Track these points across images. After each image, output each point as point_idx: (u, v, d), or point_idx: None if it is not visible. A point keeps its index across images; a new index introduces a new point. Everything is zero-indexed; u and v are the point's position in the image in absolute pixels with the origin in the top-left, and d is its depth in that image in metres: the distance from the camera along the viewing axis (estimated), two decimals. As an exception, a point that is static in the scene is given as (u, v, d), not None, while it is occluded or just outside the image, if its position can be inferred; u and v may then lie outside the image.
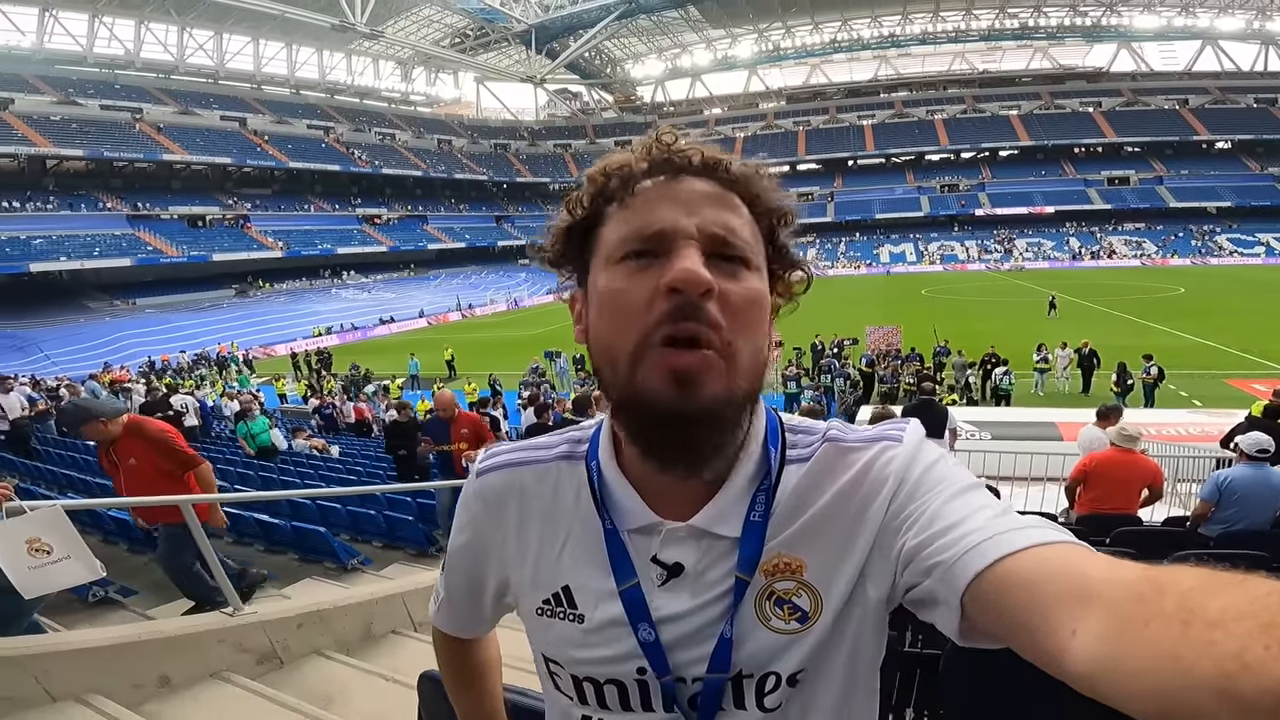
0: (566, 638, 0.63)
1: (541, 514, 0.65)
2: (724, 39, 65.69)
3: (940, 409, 6.54)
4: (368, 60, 60.87)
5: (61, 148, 38.21)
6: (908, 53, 63.02)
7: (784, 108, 67.01)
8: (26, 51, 41.20)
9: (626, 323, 0.54)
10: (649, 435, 0.55)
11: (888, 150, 59.43)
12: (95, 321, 33.51)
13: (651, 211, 0.55)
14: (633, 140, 0.61)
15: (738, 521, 0.60)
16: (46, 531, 2.41)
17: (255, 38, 51.83)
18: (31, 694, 2.23)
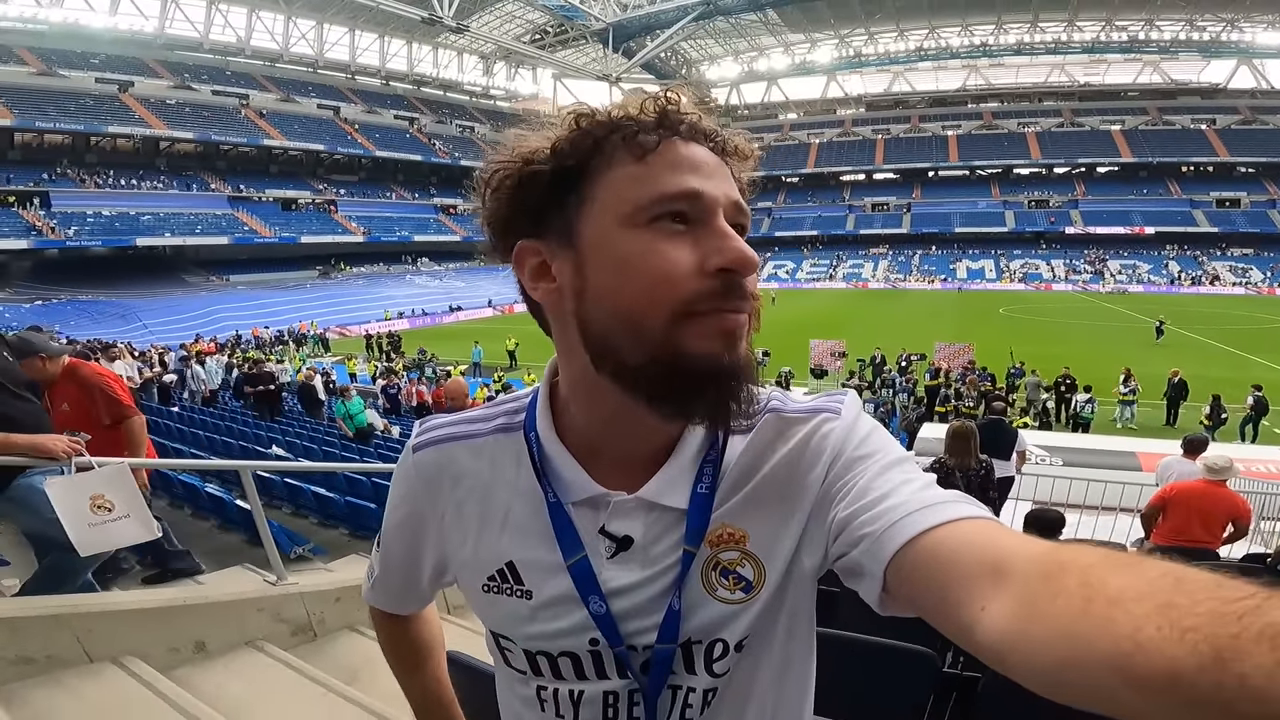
0: (515, 614, 0.62)
1: (480, 491, 0.64)
2: (803, 44, 64.45)
3: (1009, 430, 6.28)
4: (453, 54, 62.69)
5: (174, 130, 41.04)
6: (1000, 63, 60.25)
7: (863, 115, 65.30)
8: (149, 36, 44.31)
9: (662, 290, 0.52)
10: (687, 393, 0.53)
11: (973, 162, 57.13)
12: (191, 295, 35.85)
13: (682, 173, 0.53)
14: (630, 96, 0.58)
15: (685, 493, 0.60)
16: (111, 489, 2.40)
17: (352, 28, 54.10)
18: (71, 653, 2.22)
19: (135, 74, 42.17)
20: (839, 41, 62.80)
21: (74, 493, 2.32)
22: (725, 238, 0.53)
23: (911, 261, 51.41)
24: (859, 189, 60.17)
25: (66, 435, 2.48)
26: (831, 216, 58.27)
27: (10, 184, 34.66)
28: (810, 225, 57.61)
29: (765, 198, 61.91)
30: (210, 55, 47.61)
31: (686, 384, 0.53)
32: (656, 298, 0.52)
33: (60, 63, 39.40)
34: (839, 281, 50.58)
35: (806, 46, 64.89)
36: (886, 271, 50.89)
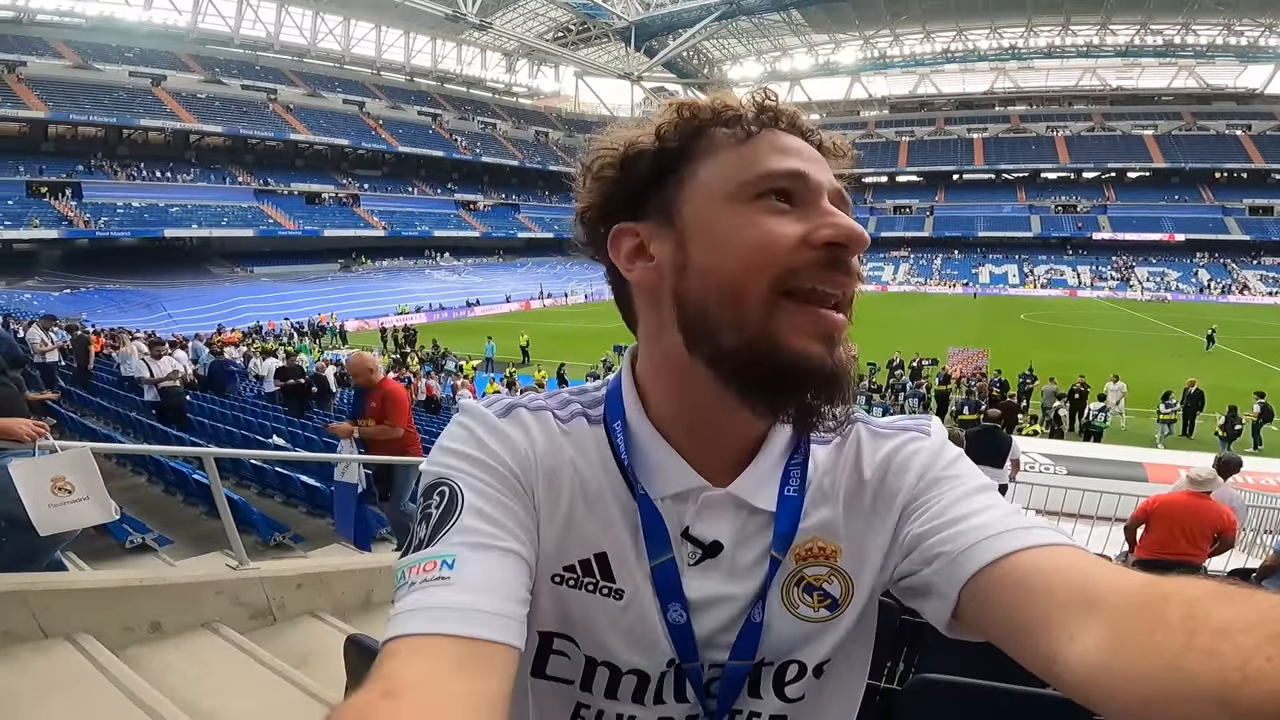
0: (593, 614, 0.55)
1: (572, 466, 0.57)
2: (826, 44, 63.82)
3: (1002, 438, 6.27)
4: (476, 50, 63.12)
5: (204, 124, 41.83)
6: (1030, 66, 59.16)
7: (886, 116, 64.61)
8: (181, 30, 45.20)
9: (768, 260, 0.50)
10: (781, 389, 0.52)
11: (998, 165, 56.32)
12: (216, 286, 36.59)
13: (788, 156, 0.53)
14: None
15: (772, 494, 0.57)
16: (72, 471, 2.46)
17: (378, 24, 54.71)
18: (26, 629, 2.26)
19: (168, 68, 43.05)
20: (863, 42, 62.12)
21: (36, 474, 2.40)
22: (833, 214, 0.52)
23: (933, 265, 50.87)
24: (881, 191, 59.61)
25: (31, 419, 2.56)
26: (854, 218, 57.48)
27: (43, 175, 35.59)
28: (830, 227, 57.04)
29: (784, 199, 61.51)
30: (240, 50, 48.45)
31: (781, 379, 0.51)
32: (759, 266, 0.51)
33: (95, 56, 40.35)
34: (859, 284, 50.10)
35: (830, 47, 64.27)
36: (907, 274, 50.36)
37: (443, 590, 0.46)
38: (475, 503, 0.51)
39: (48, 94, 36.51)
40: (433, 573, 0.47)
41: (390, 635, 0.44)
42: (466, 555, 0.48)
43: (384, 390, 4.30)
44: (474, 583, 0.47)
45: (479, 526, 0.50)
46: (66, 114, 36.67)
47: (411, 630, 0.44)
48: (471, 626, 0.44)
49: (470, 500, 0.51)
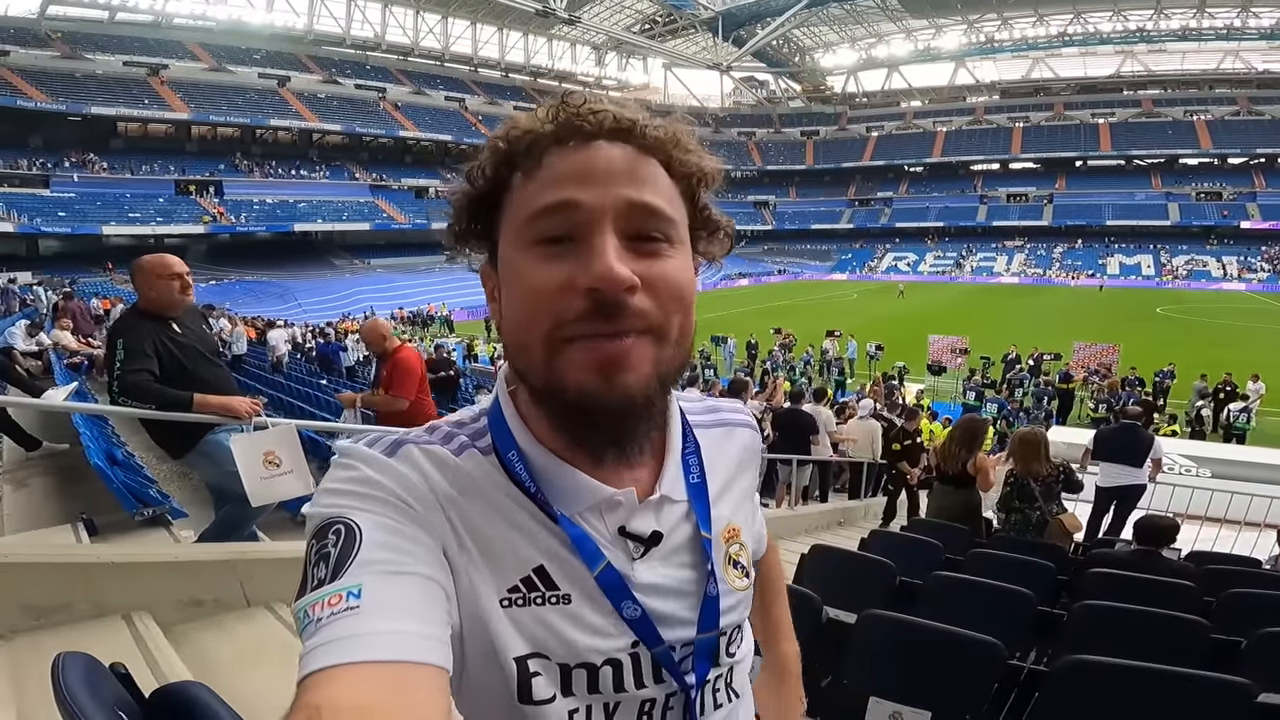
0: (553, 622, 0.55)
1: (483, 496, 0.56)
2: (926, 29, 60.96)
3: (1144, 436, 5.83)
4: (566, 45, 63.15)
5: (324, 123, 42.99)
6: (1162, 49, 54.95)
7: (997, 102, 61.34)
8: (300, 32, 46.14)
9: (537, 313, 0.51)
10: (576, 425, 0.54)
11: (1129, 151, 52.66)
12: (338, 277, 37.66)
13: (561, 186, 0.51)
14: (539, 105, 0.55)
15: (681, 484, 0.62)
16: (280, 445, 2.64)
17: (473, 21, 55.21)
18: (234, 597, 2.40)
19: (291, 69, 44.39)
20: (967, 27, 59.12)
21: (252, 449, 2.60)
22: (595, 255, 0.50)
23: (1053, 255, 48.09)
24: (992, 179, 56.84)
25: (249, 397, 2.79)
26: (959, 208, 55.29)
27: (188, 174, 37.32)
28: (935, 216, 54.89)
29: (885, 187, 59.54)
30: (352, 50, 49.56)
31: (571, 413, 0.53)
32: (530, 320, 0.52)
33: (227, 58, 41.95)
34: (966, 274, 47.98)
35: (931, 32, 61.39)
36: (1022, 265, 47.83)
37: (353, 620, 0.44)
38: (375, 535, 0.49)
39: (188, 96, 38.18)
40: (339, 605, 0.45)
41: (303, 674, 0.42)
42: (373, 584, 0.46)
43: (395, 359, 4.04)
44: (386, 608, 0.45)
45: (383, 556, 0.48)
46: (206, 115, 38.23)
47: (327, 663, 0.42)
48: (390, 650, 0.43)
49: (369, 534, 0.49)
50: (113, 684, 0.91)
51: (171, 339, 2.74)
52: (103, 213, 32.12)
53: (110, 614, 2.14)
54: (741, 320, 26.02)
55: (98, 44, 37.30)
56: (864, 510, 7.52)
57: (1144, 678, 1.67)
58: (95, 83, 35.52)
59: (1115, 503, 5.68)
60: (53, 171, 32.94)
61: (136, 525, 3.20)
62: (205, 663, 2.06)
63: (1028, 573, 3.02)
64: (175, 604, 2.28)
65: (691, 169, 0.56)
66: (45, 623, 2.05)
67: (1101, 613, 2.40)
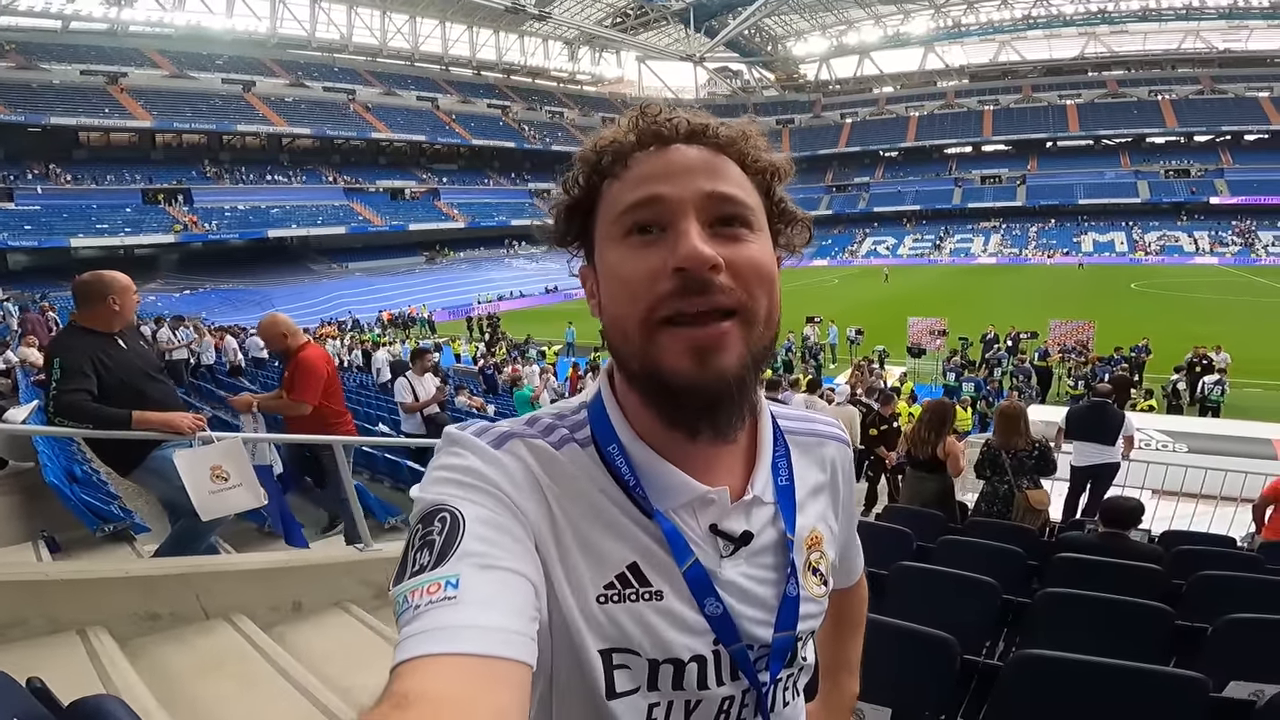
0: (646, 619, 0.57)
1: (579, 492, 0.58)
2: (895, 15, 61.33)
3: (1114, 413, 5.78)
4: (538, 41, 62.76)
5: (293, 126, 42.32)
6: (1124, 30, 55.80)
7: (967, 86, 61.90)
8: (263, 36, 45.59)
9: (632, 298, 0.55)
10: (672, 407, 0.56)
11: (1097, 132, 53.36)
12: (316, 282, 37.13)
13: (646, 184, 0.56)
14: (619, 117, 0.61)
15: (771, 487, 0.64)
16: (226, 459, 2.66)
17: (442, 20, 54.66)
18: (191, 610, 2.43)
19: (255, 74, 43.59)
20: (935, 12, 59.58)
21: (197, 464, 2.61)
22: (682, 238, 0.54)
23: (1028, 235, 48.61)
24: (966, 162, 57.25)
25: (191, 413, 2.78)
26: (935, 190, 55.63)
27: (154, 183, 36.42)
28: (911, 200, 55.21)
29: (862, 173, 59.87)
30: (318, 53, 48.86)
31: (667, 396, 0.56)
32: (628, 303, 0.55)
33: (189, 65, 41.02)
34: (945, 256, 48.40)
35: (899, 18, 61.78)
36: (998, 246, 48.29)
37: (449, 610, 0.45)
38: (477, 528, 0.50)
39: (151, 103, 37.28)
40: (438, 594, 0.46)
41: (399, 660, 0.43)
42: (471, 575, 0.47)
43: (297, 359, 3.64)
44: (482, 601, 0.46)
45: (482, 549, 0.49)
46: (170, 122, 37.42)
47: (420, 652, 0.43)
48: (482, 644, 0.44)
49: (472, 525, 0.50)
50: (24, 697, 0.92)
51: (111, 356, 2.67)
52: (70, 225, 31.32)
53: (65, 629, 2.16)
54: None
55: (53, 54, 36.28)
56: None
57: (1097, 672, 1.66)
58: (53, 93, 34.57)
59: (1090, 482, 5.67)
60: (15, 184, 31.97)
61: (99, 541, 3.21)
62: (163, 675, 2.07)
63: (997, 560, 3.03)
64: (131, 618, 2.29)
65: (764, 164, 0.60)
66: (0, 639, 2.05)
67: (1064, 600, 2.41)
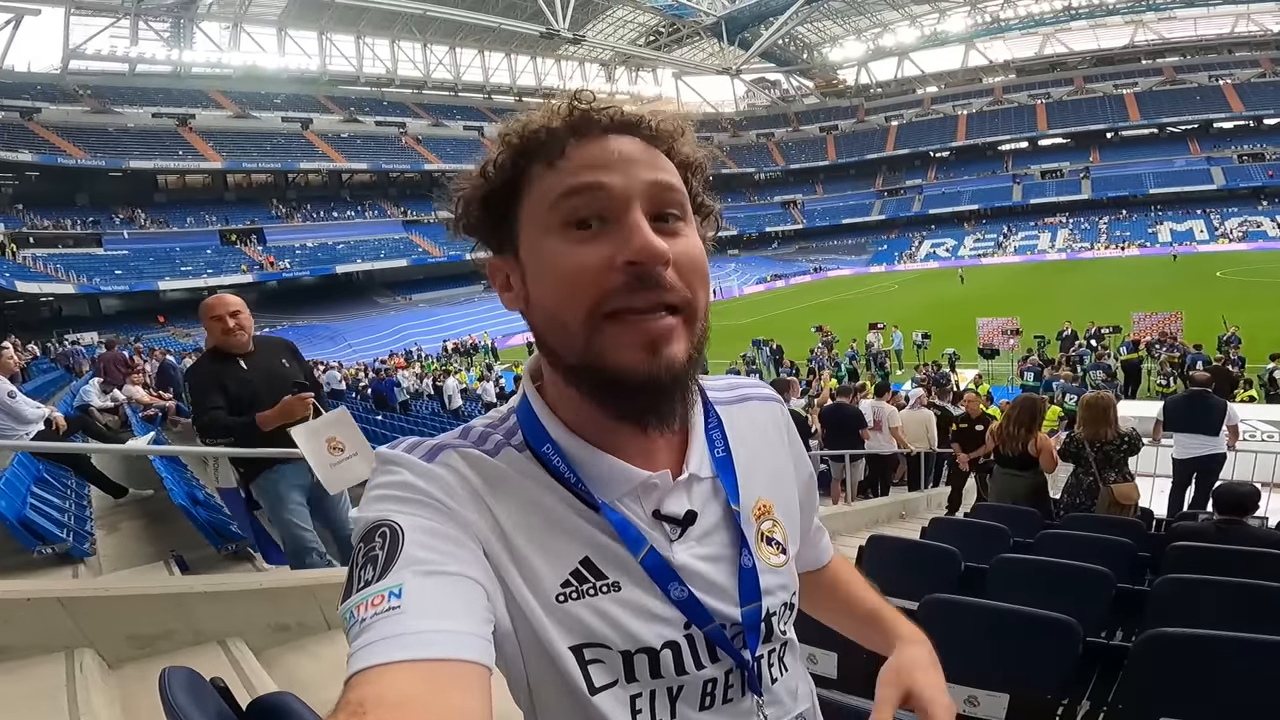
0: (609, 611, 0.56)
1: (521, 495, 0.57)
2: (930, 14, 60.32)
3: (1216, 402, 5.56)
4: (575, 64, 63.47)
5: (351, 162, 43.14)
6: (1171, 16, 54.67)
7: (1014, 81, 60.69)
8: (315, 74, 47.01)
9: (576, 292, 0.53)
10: (619, 400, 0.55)
11: (1160, 119, 51.48)
12: (383, 315, 37.50)
13: (589, 173, 0.54)
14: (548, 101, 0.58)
15: (708, 460, 0.63)
16: (338, 429, 2.73)
17: (480, 49, 55.65)
18: (315, 621, 2.49)
19: (312, 111, 44.70)
20: (971, 8, 58.88)
21: (314, 438, 2.68)
22: (633, 231, 0.53)
23: (1098, 228, 47.08)
24: (1022, 157, 55.79)
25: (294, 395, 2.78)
26: (992, 188, 54.29)
27: (230, 223, 36.89)
28: (969, 199, 53.95)
29: (913, 175, 58.91)
30: (367, 88, 49.95)
31: (613, 390, 0.54)
32: (571, 299, 0.53)
33: (250, 104, 41.98)
34: (1010, 255, 46.95)
35: (934, 17, 60.99)
36: (1067, 241, 46.79)
37: (395, 619, 0.45)
38: (417, 536, 0.50)
39: (219, 144, 37.98)
40: (382, 605, 0.46)
41: (351, 672, 0.43)
42: (415, 583, 0.47)
43: None
44: (427, 607, 0.46)
45: (424, 556, 0.49)
46: (239, 163, 38.21)
47: (371, 662, 0.43)
48: (432, 648, 0.44)
49: (411, 535, 0.50)
50: (213, 696, 0.99)
51: (233, 376, 2.80)
52: (156, 268, 31.89)
53: (208, 640, 2.27)
54: (781, 322, 25.70)
55: (124, 97, 37.17)
56: (926, 501, 7.36)
57: (1231, 647, 1.64)
58: (128, 136, 35.35)
59: (1196, 475, 5.47)
60: (103, 230, 32.56)
61: (223, 559, 3.37)
62: (294, 682, 2.17)
63: (1104, 551, 2.93)
64: (264, 629, 2.39)
65: (689, 158, 0.60)
66: (150, 650, 2.17)
67: (1187, 586, 2.31)
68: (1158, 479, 6.06)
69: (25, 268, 28.88)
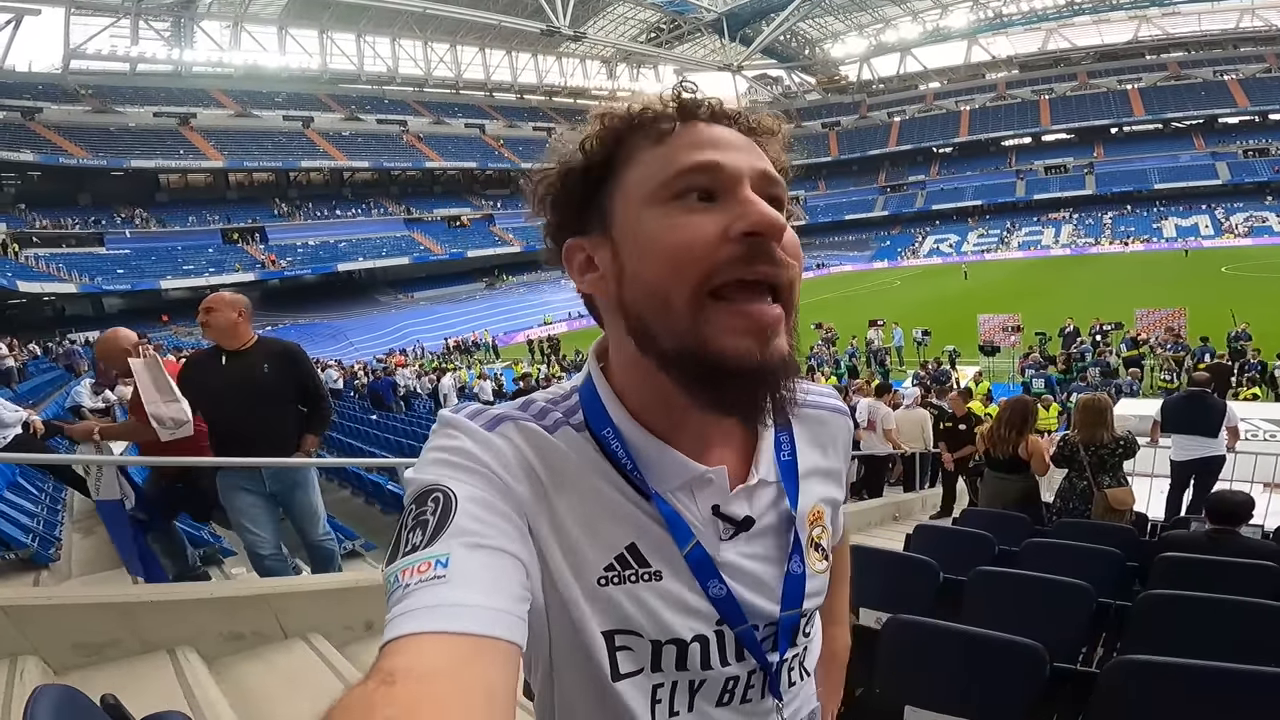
0: (646, 600, 0.56)
1: (575, 475, 0.57)
2: (932, 10, 59.93)
3: (1215, 403, 5.48)
4: (576, 61, 63.34)
5: (352, 160, 43.10)
6: (1175, 11, 54.22)
7: (1018, 76, 60.33)
8: (315, 72, 46.98)
9: (688, 262, 0.52)
10: (720, 389, 0.54)
11: (1164, 115, 51.28)
12: (384, 313, 37.50)
13: (702, 151, 0.54)
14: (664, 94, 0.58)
15: (774, 465, 0.63)
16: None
17: (482, 47, 55.50)
18: (271, 630, 2.50)
19: (312, 109, 44.62)
20: (973, 3, 58.48)
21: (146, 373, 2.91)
22: (750, 204, 0.53)
23: (1102, 223, 46.80)
24: (1026, 153, 55.51)
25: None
26: (996, 184, 54.06)
27: (232, 222, 36.93)
28: (972, 195, 53.68)
29: (916, 171, 58.63)
30: (368, 86, 49.82)
31: (716, 378, 0.53)
32: (680, 269, 0.52)
33: (251, 103, 41.96)
34: (1014, 251, 46.72)
35: (937, 12, 60.56)
36: (1071, 236, 46.57)
37: (440, 589, 0.45)
38: (469, 506, 0.50)
39: (221, 143, 37.98)
40: (428, 573, 0.46)
41: (387, 638, 0.43)
42: (462, 554, 0.47)
43: None
44: (471, 580, 0.46)
45: (474, 528, 0.49)
46: (241, 161, 38.18)
47: (409, 630, 0.43)
48: (471, 623, 0.44)
49: (464, 505, 0.50)
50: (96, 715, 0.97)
51: (213, 374, 2.93)
52: (158, 267, 31.96)
53: (156, 649, 2.26)
54: None
55: (125, 96, 37.20)
56: (921, 502, 7.31)
57: (1206, 676, 1.57)
58: (130, 135, 35.38)
59: (1194, 477, 5.37)
60: (105, 229, 32.58)
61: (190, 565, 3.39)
62: (245, 693, 2.15)
63: (1091, 562, 2.87)
64: (216, 638, 2.37)
65: (779, 159, 0.60)
66: (97, 659, 2.17)
67: (1169, 603, 2.26)
68: (1155, 480, 5.98)
69: (28, 267, 28.98)
